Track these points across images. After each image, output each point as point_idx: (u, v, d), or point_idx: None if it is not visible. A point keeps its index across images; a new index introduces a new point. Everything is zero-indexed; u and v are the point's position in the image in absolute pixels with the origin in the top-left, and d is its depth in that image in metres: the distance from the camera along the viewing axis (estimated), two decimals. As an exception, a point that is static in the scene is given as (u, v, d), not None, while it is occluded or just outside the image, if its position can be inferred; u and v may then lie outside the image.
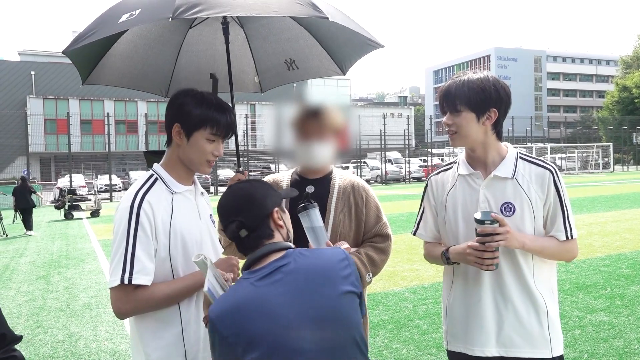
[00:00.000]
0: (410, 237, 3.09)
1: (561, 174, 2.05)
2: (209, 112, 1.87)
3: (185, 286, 1.81)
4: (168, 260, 1.81)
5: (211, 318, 1.43)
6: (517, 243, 1.93)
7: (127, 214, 1.76)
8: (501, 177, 2.02)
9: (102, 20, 2.07)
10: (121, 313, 1.76)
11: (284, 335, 1.39)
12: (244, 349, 1.37)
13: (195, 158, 1.90)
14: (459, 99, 2.00)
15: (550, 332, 2.01)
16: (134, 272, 1.71)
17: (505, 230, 1.89)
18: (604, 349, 4.43)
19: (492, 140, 2.05)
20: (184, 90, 1.93)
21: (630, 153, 51.81)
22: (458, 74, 2.08)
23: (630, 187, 23.84)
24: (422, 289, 6.61)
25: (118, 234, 1.76)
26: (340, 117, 2.29)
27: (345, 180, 2.38)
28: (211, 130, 1.87)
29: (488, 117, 2.00)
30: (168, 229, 1.80)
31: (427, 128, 46.54)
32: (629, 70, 65.20)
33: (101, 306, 6.49)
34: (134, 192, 1.81)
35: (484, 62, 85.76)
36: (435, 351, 4.49)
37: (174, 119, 1.89)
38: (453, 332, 2.14)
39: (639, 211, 13.98)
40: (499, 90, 2.00)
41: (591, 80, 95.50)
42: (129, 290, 1.73)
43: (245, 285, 1.45)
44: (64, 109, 41.58)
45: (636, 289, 6.24)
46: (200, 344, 1.85)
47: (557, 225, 2.01)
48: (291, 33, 2.60)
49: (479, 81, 2.00)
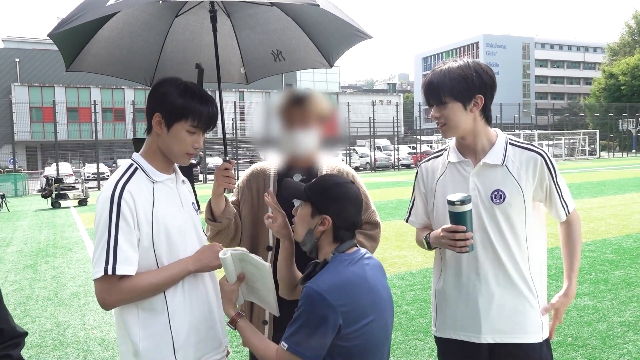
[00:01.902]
0: (399, 224, 3.09)
1: (552, 156, 2.09)
2: (191, 104, 1.84)
3: (170, 275, 1.81)
4: (152, 249, 1.80)
5: (321, 290, 1.62)
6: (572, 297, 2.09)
7: (108, 204, 1.74)
8: (491, 165, 2.02)
9: (90, 2, 2.02)
10: (106, 304, 1.75)
11: (382, 306, 1.73)
12: (356, 316, 1.64)
13: (175, 149, 1.88)
14: (442, 90, 1.99)
15: (542, 316, 2.06)
16: (117, 263, 1.70)
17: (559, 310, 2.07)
18: (587, 332, 4.51)
19: (481, 127, 2.05)
20: (168, 79, 1.90)
21: (616, 140, 52.32)
22: (438, 65, 2.06)
23: (616, 173, 24.11)
24: (410, 275, 6.67)
25: (100, 224, 1.74)
26: (325, 105, 2.27)
27: (333, 168, 2.38)
28: (192, 122, 1.85)
29: (475, 104, 1.99)
30: (150, 218, 1.79)
31: (416, 115, 46.63)
32: (616, 57, 65.66)
33: (89, 295, 6.48)
34: (114, 182, 1.80)
35: (473, 49, 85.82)
36: (422, 336, 4.54)
37: (155, 108, 1.86)
38: (443, 318, 2.15)
39: (624, 197, 14.17)
40: (481, 75, 1.99)
41: (579, 67, 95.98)
42: (114, 281, 1.71)
43: (346, 265, 1.72)
44: (50, 97, 41.08)
45: (620, 274, 6.35)
46: (186, 332, 1.85)
47: (555, 207, 2.07)
48: (279, 24, 2.58)
49: (460, 69, 1.98)
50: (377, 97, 56.34)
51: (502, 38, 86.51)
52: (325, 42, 2.61)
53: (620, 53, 66.20)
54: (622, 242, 8.25)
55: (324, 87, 68.33)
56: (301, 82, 61.96)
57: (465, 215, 1.92)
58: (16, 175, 26.52)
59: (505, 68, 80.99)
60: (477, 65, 2.01)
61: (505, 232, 2.01)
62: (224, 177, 2.19)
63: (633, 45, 65.65)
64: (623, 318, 4.82)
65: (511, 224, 2.01)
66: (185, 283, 1.86)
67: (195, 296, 1.90)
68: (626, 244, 8.06)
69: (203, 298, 1.93)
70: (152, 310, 1.81)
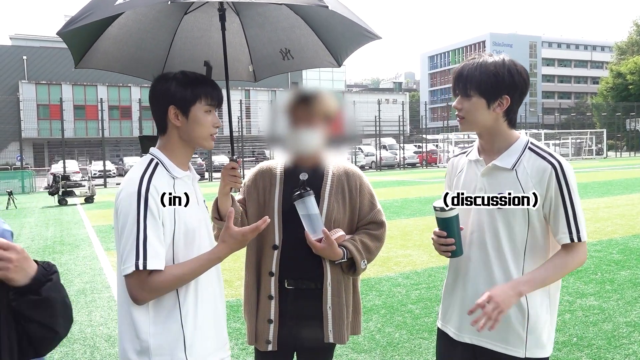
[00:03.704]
0: (404, 223, 3.09)
1: (570, 170, 1.88)
2: (198, 86, 1.88)
3: (200, 266, 1.81)
4: (171, 246, 1.80)
5: None
6: (515, 299, 1.82)
7: (135, 199, 1.73)
8: (500, 167, 1.94)
9: (99, 1, 2.03)
10: (138, 299, 1.74)
11: None
12: None
13: (199, 133, 1.90)
14: (470, 82, 1.91)
15: (528, 333, 1.93)
16: (148, 258, 1.70)
17: (494, 309, 1.77)
18: (593, 332, 4.50)
19: (502, 128, 1.95)
20: (161, 76, 1.93)
21: (624, 139, 52.02)
22: (472, 55, 1.99)
23: (623, 173, 23.98)
24: (415, 274, 6.67)
25: (128, 220, 1.73)
26: (332, 104, 2.27)
27: (339, 167, 2.39)
28: (207, 101, 1.89)
29: (499, 104, 1.91)
30: (173, 215, 1.80)
31: (422, 114, 46.58)
32: (624, 57, 65.25)
33: (96, 292, 6.52)
34: (139, 177, 1.78)
35: (480, 47, 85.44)
36: (427, 335, 4.55)
37: (166, 103, 1.87)
38: (442, 310, 2.19)
39: (631, 197, 14.10)
40: (513, 75, 1.89)
41: (586, 67, 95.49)
42: (144, 276, 1.71)
43: None
44: (57, 94, 41.19)
45: (626, 274, 6.33)
46: (197, 330, 1.85)
47: (559, 226, 1.88)
48: (287, 22, 2.57)
49: (493, 65, 1.90)
50: (383, 96, 56.24)
51: (509, 37, 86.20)
52: (334, 41, 2.60)
53: (628, 52, 65.78)
54: (628, 242, 8.22)
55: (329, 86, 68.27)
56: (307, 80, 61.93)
57: (447, 222, 1.93)
58: (23, 173, 26.68)
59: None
60: (513, 65, 1.92)
61: (502, 238, 1.94)
62: (231, 177, 2.20)
63: (641, 44, 65.28)
64: (629, 318, 4.81)
65: (510, 232, 1.93)
66: (197, 281, 1.86)
67: (206, 294, 1.91)
68: (633, 244, 8.02)
69: (212, 296, 1.94)
70: (164, 308, 1.80)
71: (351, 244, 2.27)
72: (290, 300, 2.31)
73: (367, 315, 5.10)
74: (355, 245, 2.28)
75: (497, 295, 1.79)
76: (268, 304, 2.30)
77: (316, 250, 2.22)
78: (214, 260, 1.83)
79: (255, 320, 2.34)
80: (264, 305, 2.31)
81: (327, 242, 2.19)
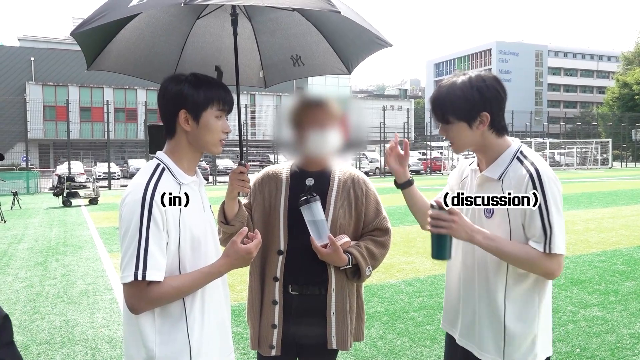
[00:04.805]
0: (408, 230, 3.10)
1: (550, 178, 1.85)
2: (210, 90, 1.85)
3: (200, 279, 1.78)
4: (177, 254, 1.77)
5: None
6: (465, 235, 1.83)
7: (139, 206, 1.69)
8: (489, 177, 1.96)
9: (113, 3, 2.03)
10: (135, 309, 1.72)
11: None
12: None
13: (209, 139, 1.87)
14: (444, 110, 1.93)
15: (505, 346, 1.93)
16: (148, 268, 1.66)
17: (450, 218, 1.81)
18: (596, 343, 4.47)
19: (491, 140, 1.96)
20: (173, 77, 1.89)
21: (629, 150, 51.85)
22: (445, 78, 2.00)
23: (628, 183, 23.89)
24: (417, 282, 6.66)
25: (130, 228, 1.69)
26: (340, 107, 2.26)
27: (345, 173, 2.39)
28: (218, 107, 1.86)
29: (481, 122, 1.90)
30: (178, 223, 1.76)
31: (427, 121, 46.53)
32: (630, 67, 65.06)
33: (98, 293, 6.53)
34: (144, 184, 1.74)
35: (485, 55, 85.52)
36: (429, 343, 4.53)
37: (177, 107, 1.83)
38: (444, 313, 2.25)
39: (636, 208, 14.03)
40: (483, 92, 1.88)
41: (592, 76, 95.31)
42: (142, 286, 1.68)
43: None
44: (64, 96, 41.42)
45: (630, 285, 6.29)
46: (203, 339, 1.83)
47: (532, 233, 1.84)
48: (299, 29, 2.57)
49: (460, 89, 1.89)
50: (388, 102, 56.21)
51: (515, 45, 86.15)
52: (345, 48, 2.60)
53: (635, 62, 65.59)
54: (633, 253, 8.18)
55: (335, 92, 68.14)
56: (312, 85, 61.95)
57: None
58: (28, 173, 26.81)
59: (518, 75, 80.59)
60: (480, 81, 1.90)
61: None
62: (239, 181, 2.20)
63: (647, 55, 65.14)
64: (633, 330, 4.78)
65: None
66: (204, 290, 1.84)
67: (212, 303, 1.88)
68: (637, 255, 7.98)
69: (218, 305, 1.93)
70: (170, 316, 1.78)
71: (356, 250, 2.27)
72: (295, 306, 2.31)
73: (369, 322, 5.09)
74: (360, 252, 2.28)
75: (460, 220, 1.84)
76: (272, 309, 2.30)
77: (321, 256, 2.22)
78: (214, 274, 1.80)
79: (259, 325, 2.34)
80: (268, 310, 2.31)
81: (333, 248, 2.19)
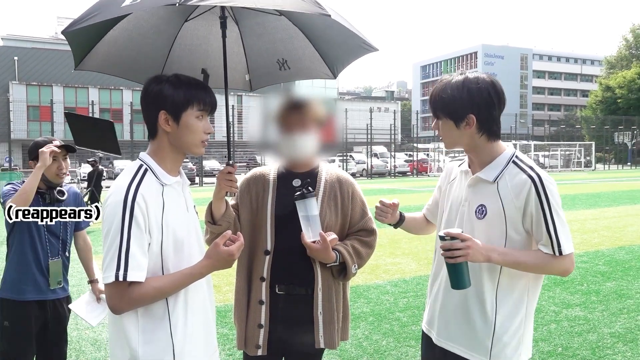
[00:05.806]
0: (393, 232, 3.15)
1: (551, 183, 1.89)
2: (190, 90, 1.85)
3: (181, 280, 1.78)
4: (160, 255, 1.78)
5: None
6: (482, 257, 1.85)
7: (121, 208, 1.70)
8: (483, 179, 1.98)
9: (105, 2, 2.02)
10: (116, 309, 1.73)
11: None
12: None
13: (190, 140, 1.87)
14: (436, 105, 1.99)
15: (493, 344, 1.95)
16: (129, 269, 1.67)
17: (465, 245, 1.82)
18: (578, 342, 4.56)
19: (481, 143, 1.97)
20: (154, 78, 1.88)
21: (612, 152, 52.57)
22: (445, 76, 2.05)
23: (611, 185, 24.22)
24: (403, 283, 6.71)
25: (112, 228, 1.70)
26: (324, 110, 2.31)
27: (332, 174, 2.42)
28: (198, 107, 1.85)
29: (467, 123, 1.93)
30: (160, 223, 1.77)
31: (414, 123, 46.71)
32: (613, 71, 65.94)
33: (82, 294, 6.47)
34: (126, 185, 1.75)
35: (471, 58, 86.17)
36: (414, 343, 4.58)
37: (157, 107, 1.82)
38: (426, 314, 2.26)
39: (618, 210, 14.25)
40: (472, 95, 1.91)
41: (576, 80, 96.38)
42: (124, 287, 1.69)
43: None
44: (48, 96, 40.96)
45: (611, 285, 6.41)
46: (187, 339, 1.84)
47: (542, 239, 1.89)
48: (286, 33, 2.59)
49: (452, 88, 1.94)
50: (375, 104, 56.35)
51: (500, 48, 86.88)
52: (331, 53, 2.63)
53: (617, 66, 66.50)
54: (614, 254, 8.32)
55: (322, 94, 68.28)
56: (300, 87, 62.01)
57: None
58: (12, 174, 26.40)
59: (503, 78, 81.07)
60: (473, 83, 1.93)
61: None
62: (227, 181, 2.22)
63: (630, 58, 65.96)
64: (613, 329, 4.88)
65: (487, 243, 1.91)
66: (187, 289, 1.84)
67: (196, 302, 1.89)
68: (619, 256, 8.12)
69: (202, 305, 1.93)
70: (153, 316, 1.79)
71: (343, 248, 2.31)
72: (281, 306, 2.33)
73: (355, 322, 5.13)
74: (347, 250, 2.32)
75: (474, 244, 1.83)
76: (259, 308, 2.32)
77: (310, 252, 2.25)
78: (196, 275, 1.80)
79: (245, 325, 2.36)
80: (255, 310, 2.33)
81: (323, 245, 2.21)
